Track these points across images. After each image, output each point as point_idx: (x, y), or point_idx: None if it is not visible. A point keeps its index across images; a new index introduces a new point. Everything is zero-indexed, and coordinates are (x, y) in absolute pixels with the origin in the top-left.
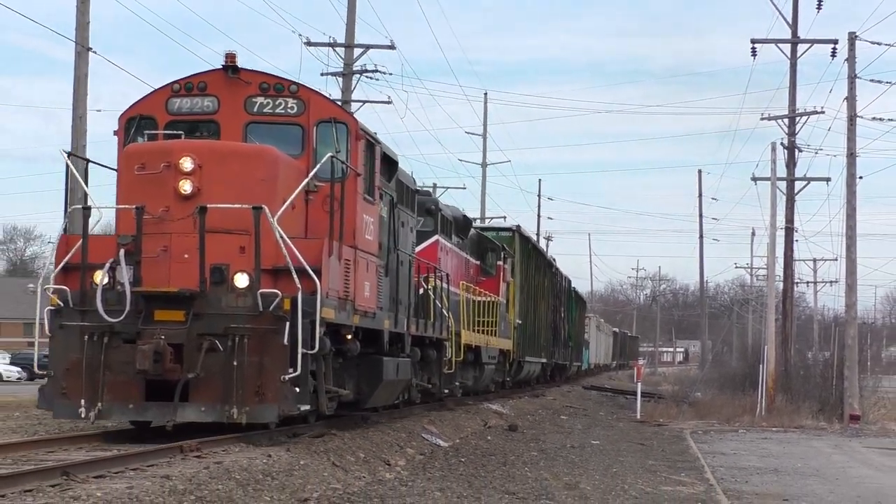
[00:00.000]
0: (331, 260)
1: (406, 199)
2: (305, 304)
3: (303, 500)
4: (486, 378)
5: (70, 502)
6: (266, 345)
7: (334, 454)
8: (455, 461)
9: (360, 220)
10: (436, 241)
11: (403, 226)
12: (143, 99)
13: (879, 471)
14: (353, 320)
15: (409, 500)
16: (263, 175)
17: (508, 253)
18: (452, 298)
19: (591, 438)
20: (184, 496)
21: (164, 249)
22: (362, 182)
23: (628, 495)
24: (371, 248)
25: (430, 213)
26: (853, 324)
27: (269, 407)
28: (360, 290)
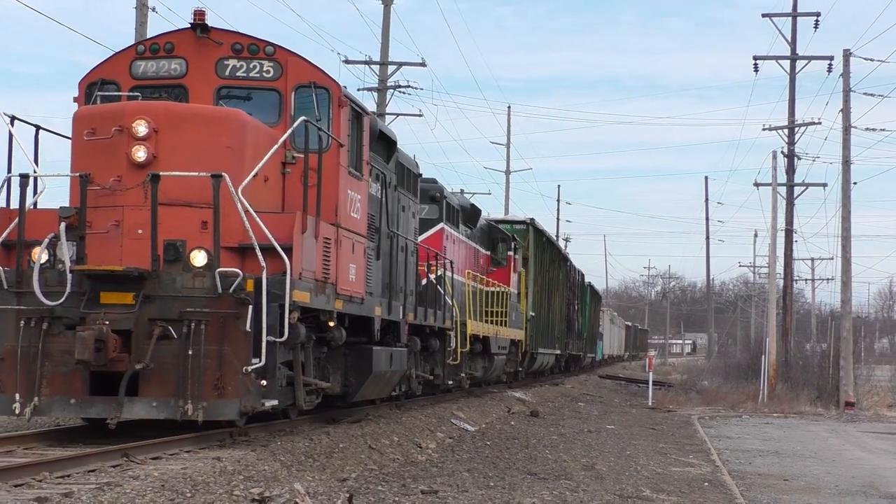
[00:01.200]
0: (305, 237)
1: (407, 183)
2: (273, 285)
3: (342, 480)
4: (497, 369)
5: (129, 481)
6: (226, 332)
7: (370, 438)
8: (481, 444)
9: (343, 195)
10: (441, 230)
11: (404, 210)
12: (104, 62)
13: (873, 453)
14: (336, 305)
15: (440, 480)
16: (229, 141)
17: (520, 244)
18: (459, 288)
19: (606, 423)
20: (233, 476)
21: (115, 224)
22: (347, 154)
23: (641, 476)
24: (358, 228)
25: (435, 200)
26: (848, 318)
27: (230, 402)
28: (344, 272)
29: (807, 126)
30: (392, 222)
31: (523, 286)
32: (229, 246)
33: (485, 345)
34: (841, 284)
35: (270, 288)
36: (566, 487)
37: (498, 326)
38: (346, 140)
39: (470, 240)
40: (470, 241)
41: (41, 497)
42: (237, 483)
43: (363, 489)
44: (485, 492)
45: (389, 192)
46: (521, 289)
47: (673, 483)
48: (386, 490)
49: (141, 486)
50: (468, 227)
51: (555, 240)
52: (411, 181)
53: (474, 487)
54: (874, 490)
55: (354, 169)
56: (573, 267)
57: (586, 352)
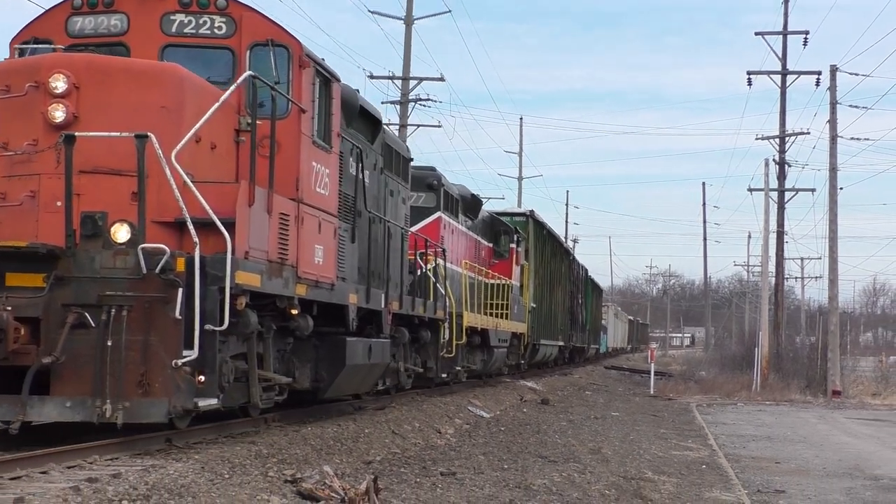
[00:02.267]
0: (253, 211)
1: (396, 167)
2: (212, 265)
3: (367, 462)
4: (497, 362)
5: (172, 463)
6: (153, 319)
7: (394, 424)
8: (496, 430)
9: (305, 167)
10: (438, 219)
11: (392, 195)
12: (37, 19)
13: (858, 438)
14: (297, 291)
15: (458, 463)
16: (164, 100)
17: (522, 236)
18: (455, 278)
19: (611, 410)
20: (267, 459)
21: (31, 195)
22: (311, 122)
23: (643, 459)
24: (326, 206)
25: (432, 188)
26: (835, 313)
27: (156, 402)
28: (308, 254)
29: (796, 136)
30: (378, 206)
31: (525, 279)
32: (164, 221)
33: (484, 337)
34: (828, 282)
35: (209, 268)
36: (574, 469)
37: (498, 319)
38: (311, 106)
39: (471, 231)
40: (471, 233)
41: (92, 478)
42: (271, 465)
43: (387, 471)
44: (499, 473)
45: (374, 174)
46: (524, 281)
47: (673, 465)
48: (408, 472)
49: (183, 467)
50: (469, 218)
51: (556, 233)
52: (401, 165)
53: (489, 469)
54: (859, 472)
55: (322, 140)
56: (576, 261)
57: (590, 344)
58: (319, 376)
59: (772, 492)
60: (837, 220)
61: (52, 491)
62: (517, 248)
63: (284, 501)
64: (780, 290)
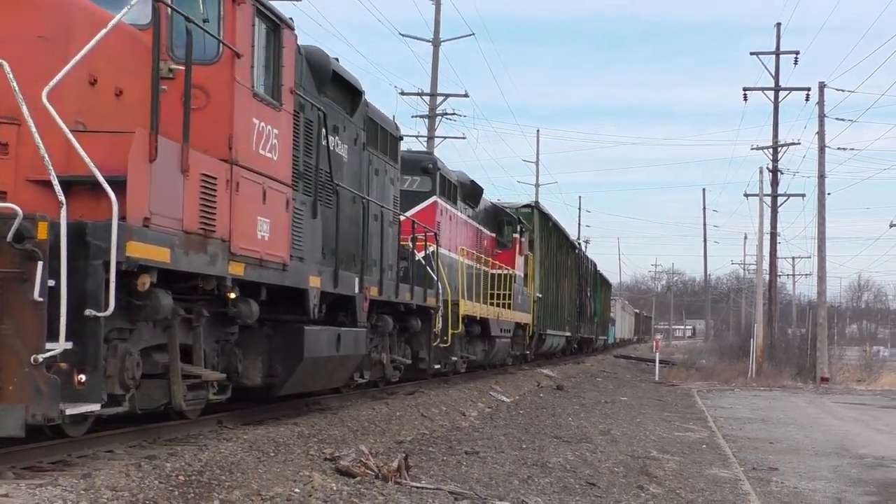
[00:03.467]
0: (156, 167)
1: (383, 145)
2: (94, 233)
3: (399, 442)
4: (500, 352)
5: (224, 443)
6: (5, 302)
7: (423, 407)
8: (515, 413)
9: (242, 123)
10: (434, 203)
11: (378, 174)
12: None
13: (843, 420)
14: (231, 270)
15: (480, 443)
16: (43, 29)
17: (526, 227)
18: (451, 265)
19: (620, 395)
20: (309, 439)
21: None
22: (249, 71)
23: (649, 440)
24: (274, 172)
25: (427, 171)
26: (823, 307)
27: (10, 409)
28: (246, 226)
29: (788, 146)
30: (360, 184)
31: (530, 269)
32: (39, 179)
33: (484, 327)
34: (817, 279)
35: (90, 237)
36: (586, 449)
37: (500, 308)
38: (249, 52)
39: (472, 220)
40: (471, 221)
41: (151, 455)
42: (312, 445)
43: (417, 450)
44: (518, 452)
45: (353, 149)
46: (529, 271)
47: (676, 445)
48: (436, 451)
49: (233, 447)
50: (469, 206)
51: (562, 227)
52: (388, 143)
53: (509, 449)
54: (845, 451)
55: (269, 95)
56: (584, 255)
57: (598, 335)
58: (274, 371)
59: (766, 469)
60: (825, 222)
61: (116, 467)
62: (521, 238)
63: (324, 477)
64: (773, 287)
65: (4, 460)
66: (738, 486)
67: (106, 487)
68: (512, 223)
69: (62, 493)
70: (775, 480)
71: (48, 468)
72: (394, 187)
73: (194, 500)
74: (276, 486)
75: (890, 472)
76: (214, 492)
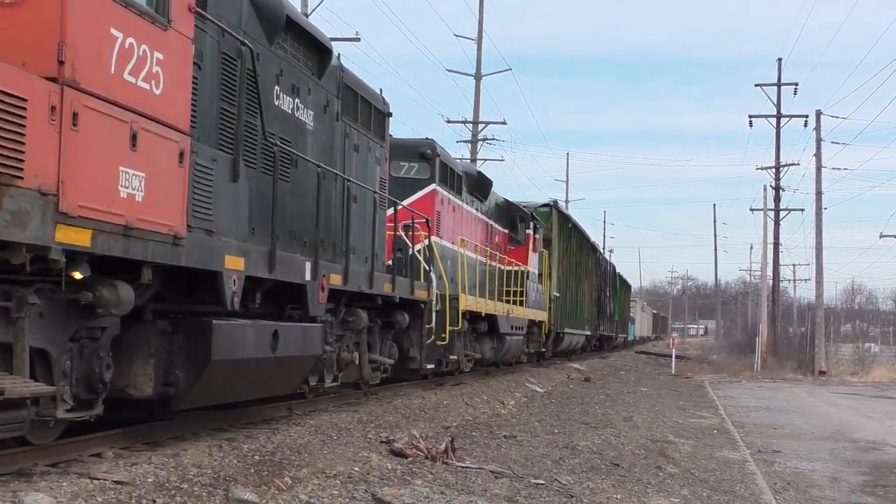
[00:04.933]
0: None
1: (365, 119)
2: None
3: (446, 427)
4: (512, 349)
5: (293, 427)
6: None
7: (466, 397)
8: (548, 401)
9: (89, 31)
10: (432, 192)
11: (358, 151)
12: None
13: (839, 408)
14: (63, 237)
15: (517, 428)
16: None
17: (540, 223)
18: (450, 256)
19: (640, 387)
20: (367, 424)
21: None
22: None
23: (666, 425)
24: (154, 110)
25: (426, 158)
26: (821, 308)
27: None
28: (98, 177)
29: (789, 166)
30: (331, 158)
31: (546, 267)
32: None
33: (492, 324)
34: (815, 284)
35: None
36: (611, 433)
37: (511, 305)
38: None
39: (480, 213)
40: (479, 215)
41: (230, 438)
42: (370, 429)
43: (461, 434)
44: (550, 437)
45: (322, 117)
46: (544, 269)
47: (690, 430)
48: (478, 435)
49: (301, 430)
50: (477, 199)
51: (582, 228)
52: (371, 118)
53: (543, 433)
54: (840, 436)
55: (150, 6)
56: (604, 258)
57: (618, 333)
58: (172, 378)
59: (770, 452)
60: (822, 233)
61: (200, 447)
62: (534, 234)
63: (380, 458)
64: (776, 290)
65: (105, 442)
66: (746, 467)
67: (192, 465)
68: (525, 219)
69: (154, 470)
70: (778, 462)
71: (142, 448)
72: (380, 168)
73: (268, 477)
74: (338, 465)
75: (881, 455)
76: (285, 470)
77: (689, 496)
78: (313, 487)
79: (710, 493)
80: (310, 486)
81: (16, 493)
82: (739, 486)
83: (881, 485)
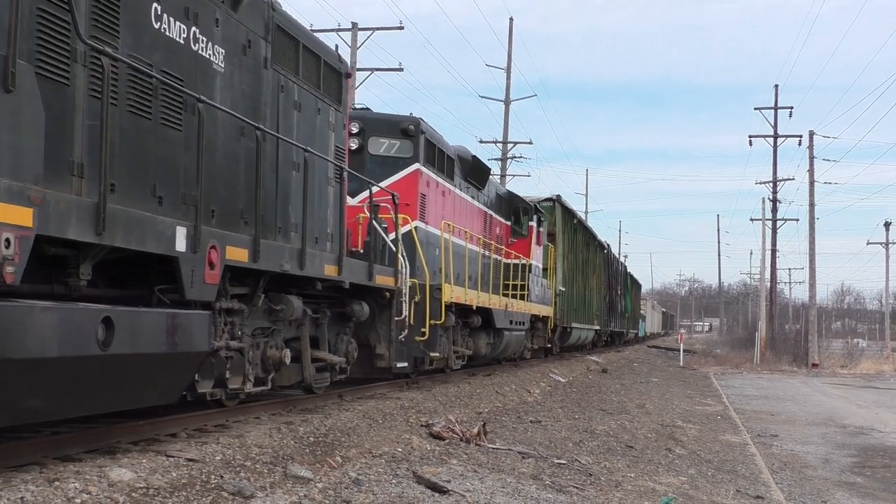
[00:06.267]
0: None
1: (310, 74)
2: None
3: (479, 413)
4: (512, 345)
5: (343, 412)
6: None
7: (497, 386)
8: (569, 390)
9: None
10: (416, 172)
11: (301, 110)
12: None
13: (831, 397)
14: None
15: (542, 414)
16: None
17: (544, 216)
18: (431, 241)
19: (652, 377)
20: (408, 410)
21: None
22: None
23: (675, 412)
24: None
25: (408, 134)
26: (814, 308)
27: None
28: None
29: (785, 181)
30: (256, 112)
31: (551, 261)
32: None
33: (487, 318)
34: (809, 286)
35: None
36: (625, 419)
37: (511, 299)
38: None
39: (478, 202)
40: (476, 203)
41: (288, 421)
42: (411, 414)
43: (492, 419)
44: (572, 422)
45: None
46: (549, 264)
47: (697, 416)
48: (507, 420)
49: (350, 415)
50: (473, 186)
51: (588, 225)
52: (320, 75)
53: (565, 418)
54: (832, 422)
55: None
56: (614, 256)
57: (629, 329)
58: None
59: (768, 436)
60: (815, 241)
61: (262, 430)
62: (538, 227)
63: (420, 440)
64: (773, 292)
65: (178, 424)
66: (746, 449)
67: (254, 445)
68: (528, 211)
69: (222, 449)
70: (776, 444)
71: (212, 430)
72: (336, 136)
73: (321, 456)
74: (383, 446)
75: (868, 439)
76: (336, 450)
77: (695, 475)
78: (361, 466)
79: (714, 473)
80: (358, 464)
81: (101, 468)
82: (741, 466)
83: (868, 466)
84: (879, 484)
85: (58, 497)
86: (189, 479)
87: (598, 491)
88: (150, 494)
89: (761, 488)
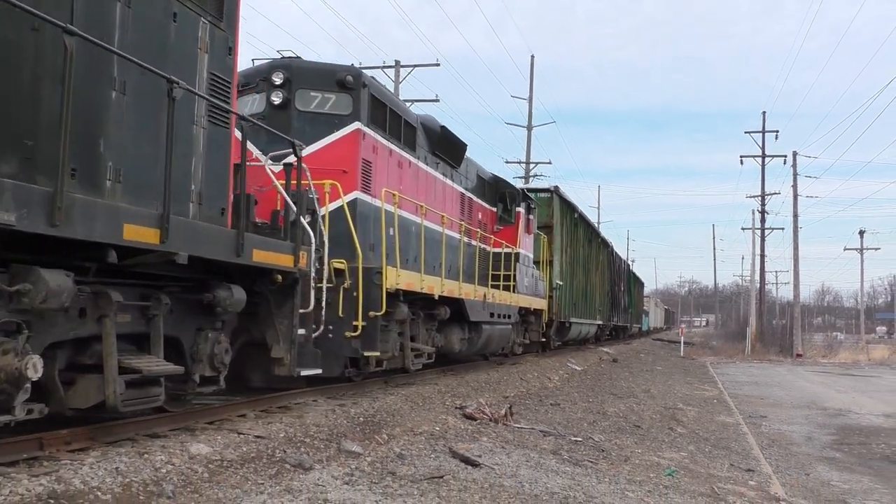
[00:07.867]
0: None
1: None
2: None
3: (505, 397)
4: (495, 340)
5: (388, 396)
6: None
7: (521, 374)
8: (584, 377)
9: None
10: (356, 132)
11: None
12: None
13: (813, 383)
14: None
15: (561, 398)
16: None
17: (535, 203)
18: (372, 216)
19: (656, 366)
20: (444, 394)
21: None
22: None
23: (677, 396)
24: None
25: (346, 86)
26: (797, 305)
27: None
28: None
29: (772, 195)
30: None
31: (546, 253)
32: None
33: (458, 310)
34: (793, 286)
35: None
36: (633, 402)
37: (493, 290)
38: None
39: (453, 181)
40: (450, 182)
41: (341, 403)
42: (447, 398)
43: (517, 402)
44: (586, 404)
45: None
46: (543, 256)
47: (696, 400)
48: (530, 402)
49: (394, 399)
50: (444, 162)
51: (590, 220)
52: None
53: (580, 401)
54: (814, 405)
55: None
56: (618, 255)
57: (633, 323)
58: None
59: (758, 417)
60: (798, 247)
61: (319, 411)
62: (527, 214)
63: (455, 420)
64: (762, 291)
65: (249, 405)
66: (739, 428)
67: (313, 424)
68: (516, 197)
69: (285, 428)
70: (765, 425)
71: (276, 411)
72: (210, 59)
73: (370, 434)
74: (423, 425)
75: (846, 420)
76: (383, 428)
77: (694, 451)
78: (404, 442)
79: (711, 449)
80: (401, 441)
81: (183, 444)
82: (734, 443)
83: (846, 443)
84: (855, 458)
85: (147, 467)
86: (257, 453)
87: (609, 464)
88: (224, 466)
89: (752, 462)
